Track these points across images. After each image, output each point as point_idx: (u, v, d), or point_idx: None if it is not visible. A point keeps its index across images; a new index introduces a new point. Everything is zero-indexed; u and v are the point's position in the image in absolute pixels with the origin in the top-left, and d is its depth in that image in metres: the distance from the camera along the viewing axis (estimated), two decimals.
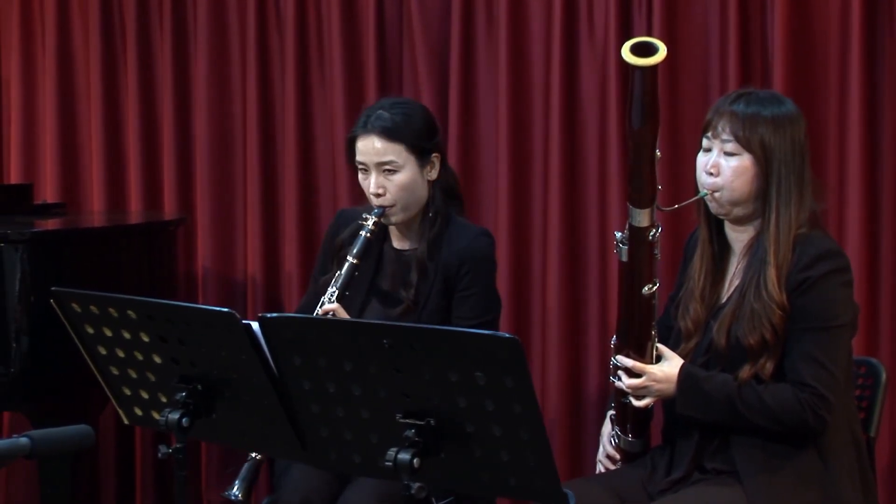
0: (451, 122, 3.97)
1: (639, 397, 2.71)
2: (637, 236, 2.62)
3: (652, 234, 2.62)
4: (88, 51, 4.44)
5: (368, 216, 3.07)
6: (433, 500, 2.24)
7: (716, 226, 2.78)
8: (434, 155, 3.12)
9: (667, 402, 2.77)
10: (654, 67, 2.47)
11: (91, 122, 4.46)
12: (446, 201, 3.16)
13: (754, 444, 2.64)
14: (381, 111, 3.10)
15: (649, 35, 3.69)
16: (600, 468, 2.94)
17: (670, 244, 3.64)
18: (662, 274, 3.63)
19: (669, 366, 2.68)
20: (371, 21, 4.07)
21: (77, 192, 4.51)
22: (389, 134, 3.06)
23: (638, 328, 2.69)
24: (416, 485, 2.12)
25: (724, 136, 2.66)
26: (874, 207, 3.53)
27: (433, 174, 3.12)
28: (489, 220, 3.97)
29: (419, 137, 3.10)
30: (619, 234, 2.66)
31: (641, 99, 2.50)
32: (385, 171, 3.06)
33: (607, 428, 2.93)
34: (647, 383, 2.68)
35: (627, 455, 2.88)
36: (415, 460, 2.10)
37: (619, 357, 2.71)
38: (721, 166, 2.67)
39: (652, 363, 2.69)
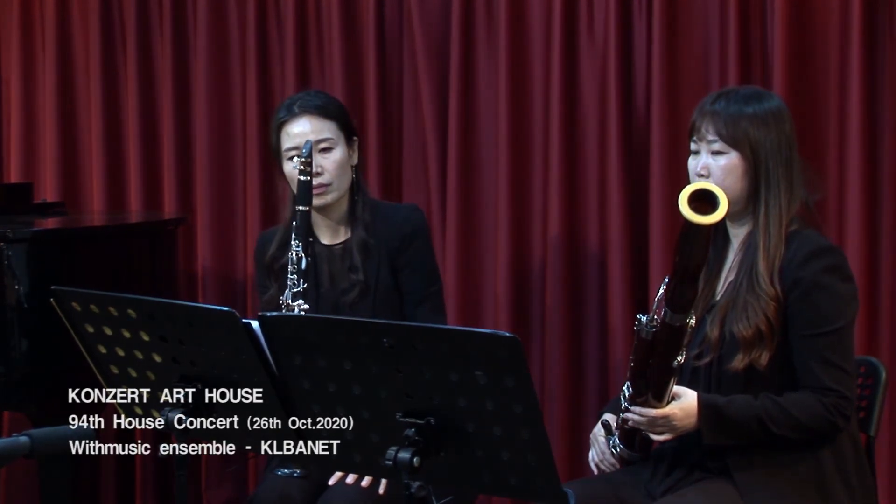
0: (451, 121, 3.96)
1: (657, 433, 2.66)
2: (673, 331, 2.53)
3: (690, 326, 2.54)
4: (88, 50, 4.44)
5: (297, 157, 3.01)
6: (433, 499, 2.24)
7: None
8: (355, 139, 3.20)
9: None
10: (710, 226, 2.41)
11: (91, 121, 4.46)
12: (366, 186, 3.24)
13: None
14: (304, 97, 3.17)
15: (649, 35, 3.71)
16: (595, 471, 2.92)
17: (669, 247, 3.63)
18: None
19: (686, 401, 2.61)
20: (371, 21, 4.07)
21: (77, 192, 4.51)
22: (323, 112, 3.14)
23: (659, 385, 2.60)
24: (416, 484, 2.12)
25: (710, 137, 2.68)
26: (874, 207, 3.53)
27: (354, 158, 3.19)
28: (489, 219, 3.96)
29: (346, 118, 3.20)
30: (643, 317, 2.56)
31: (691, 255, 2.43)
32: (322, 150, 3.11)
33: (601, 432, 2.87)
34: (668, 424, 2.62)
35: (627, 463, 2.86)
36: (415, 459, 2.10)
37: (635, 409, 2.63)
38: (710, 167, 2.68)
39: (668, 403, 2.62)
